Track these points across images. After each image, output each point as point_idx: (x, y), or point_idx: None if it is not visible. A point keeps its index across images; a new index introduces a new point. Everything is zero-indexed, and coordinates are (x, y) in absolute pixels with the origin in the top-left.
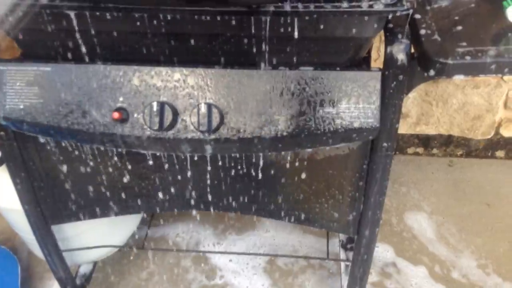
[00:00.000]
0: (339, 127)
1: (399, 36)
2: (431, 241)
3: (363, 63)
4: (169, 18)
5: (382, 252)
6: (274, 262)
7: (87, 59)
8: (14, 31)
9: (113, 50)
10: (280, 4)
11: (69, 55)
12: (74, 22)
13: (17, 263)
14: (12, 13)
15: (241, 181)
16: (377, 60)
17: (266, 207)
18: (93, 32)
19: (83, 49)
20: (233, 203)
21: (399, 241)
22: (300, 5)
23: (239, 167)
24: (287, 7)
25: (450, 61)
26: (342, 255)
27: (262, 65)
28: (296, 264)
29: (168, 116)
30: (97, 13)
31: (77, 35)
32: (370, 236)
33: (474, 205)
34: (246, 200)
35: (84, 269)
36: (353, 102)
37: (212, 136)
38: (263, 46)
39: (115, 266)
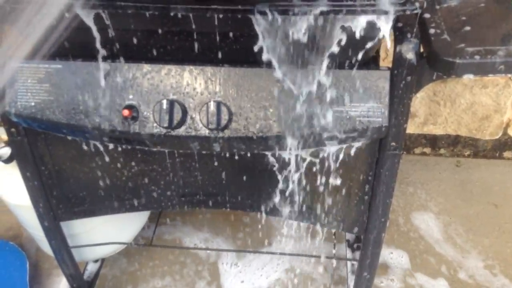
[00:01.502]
0: (348, 126)
1: (409, 35)
2: (438, 241)
3: (372, 62)
4: (179, 16)
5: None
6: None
7: (97, 57)
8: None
9: (123, 48)
10: (288, 3)
11: (80, 53)
12: (84, 21)
13: (25, 259)
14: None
15: (250, 180)
16: (385, 59)
17: (275, 206)
18: (103, 30)
19: (94, 47)
20: (242, 202)
21: (406, 241)
22: (308, 3)
23: (247, 166)
24: (296, 6)
25: (459, 61)
26: (349, 254)
27: (272, 63)
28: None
29: (178, 114)
30: (107, 11)
31: (87, 33)
32: (377, 235)
33: (482, 205)
34: (255, 199)
35: (92, 266)
36: (362, 101)
37: (221, 134)
38: (272, 45)
39: (122, 263)
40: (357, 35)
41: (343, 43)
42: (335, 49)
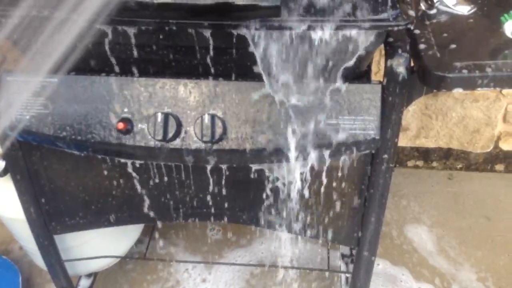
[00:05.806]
0: (340, 139)
1: (399, 50)
2: (431, 254)
3: (363, 76)
4: (174, 31)
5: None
6: None
7: (92, 71)
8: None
9: (118, 62)
10: (282, 18)
11: (75, 67)
12: (80, 35)
13: (18, 273)
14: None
15: (243, 193)
16: (377, 73)
17: (268, 218)
18: (97, 44)
19: (89, 61)
20: (236, 214)
21: (400, 254)
22: (300, 19)
23: (240, 178)
24: (289, 22)
25: (448, 75)
26: (343, 267)
27: (265, 77)
28: None
29: (172, 127)
30: (102, 27)
31: (83, 48)
32: (370, 248)
33: (474, 218)
34: (249, 212)
35: (85, 281)
36: (354, 115)
37: (215, 147)
38: (264, 60)
39: (116, 278)
40: (349, 50)
41: (335, 57)
42: (327, 63)
